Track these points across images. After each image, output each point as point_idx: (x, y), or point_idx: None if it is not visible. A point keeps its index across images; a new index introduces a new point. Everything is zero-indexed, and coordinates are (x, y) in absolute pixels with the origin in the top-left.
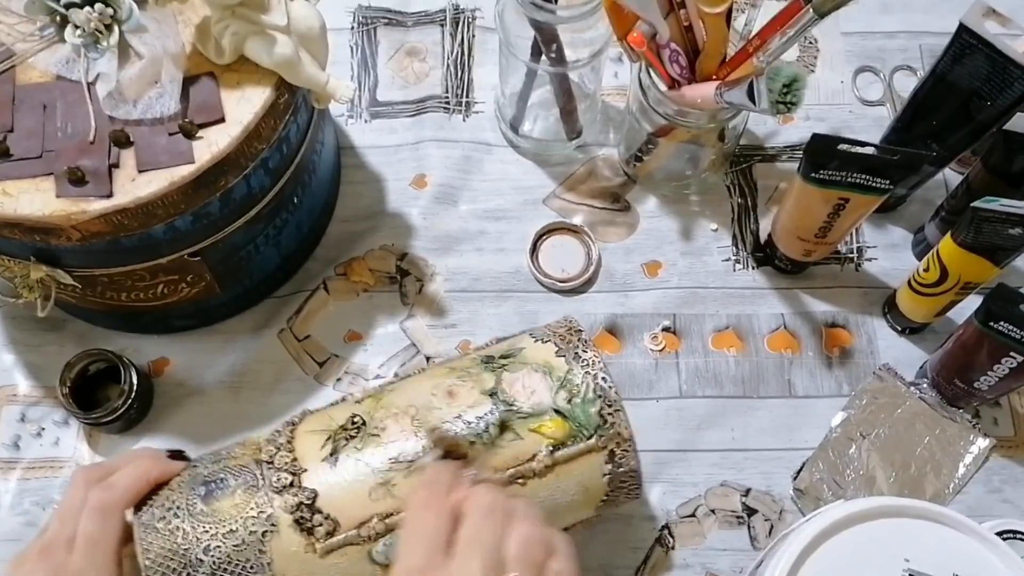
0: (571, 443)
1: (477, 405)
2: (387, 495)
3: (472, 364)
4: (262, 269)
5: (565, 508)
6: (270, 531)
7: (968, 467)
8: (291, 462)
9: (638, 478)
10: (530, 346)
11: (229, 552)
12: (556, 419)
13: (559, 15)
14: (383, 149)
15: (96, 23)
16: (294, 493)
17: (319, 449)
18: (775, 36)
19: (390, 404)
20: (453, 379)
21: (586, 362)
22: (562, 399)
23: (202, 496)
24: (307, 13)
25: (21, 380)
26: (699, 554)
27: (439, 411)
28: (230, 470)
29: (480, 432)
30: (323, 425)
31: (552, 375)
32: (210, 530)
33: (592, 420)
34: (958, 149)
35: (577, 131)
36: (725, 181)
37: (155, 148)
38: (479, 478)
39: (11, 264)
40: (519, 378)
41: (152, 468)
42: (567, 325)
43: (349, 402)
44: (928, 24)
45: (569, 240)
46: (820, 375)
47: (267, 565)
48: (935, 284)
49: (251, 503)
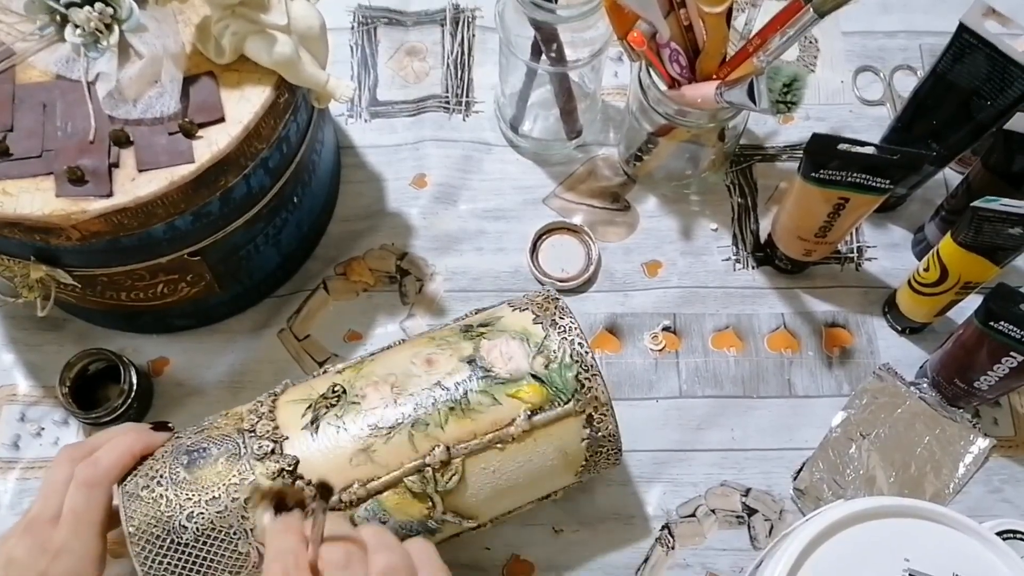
0: (548, 408)
1: (455, 372)
2: (367, 461)
3: (451, 333)
4: (262, 269)
5: (544, 473)
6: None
7: (968, 467)
8: (272, 430)
9: (617, 442)
10: (508, 315)
11: (212, 518)
12: (533, 384)
13: (559, 15)
14: (383, 149)
15: (96, 22)
16: (275, 460)
17: (300, 417)
18: (775, 36)
19: (370, 373)
20: (432, 348)
21: (563, 328)
22: (539, 364)
23: (185, 465)
24: (307, 12)
25: (21, 380)
26: (699, 554)
27: (418, 378)
28: (213, 439)
29: (458, 398)
30: (304, 395)
31: (529, 341)
32: (193, 497)
33: (569, 385)
34: (958, 149)
35: (577, 131)
36: (725, 181)
37: (155, 148)
38: (322, 533)
39: (11, 264)
40: (497, 345)
41: (136, 442)
42: (545, 294)
43: (330, 373)
44: (928, 24)
45: (569, 240)
46: (820, 375)
47: (249, 531)
48: (935, 284)
49: (233, 470)
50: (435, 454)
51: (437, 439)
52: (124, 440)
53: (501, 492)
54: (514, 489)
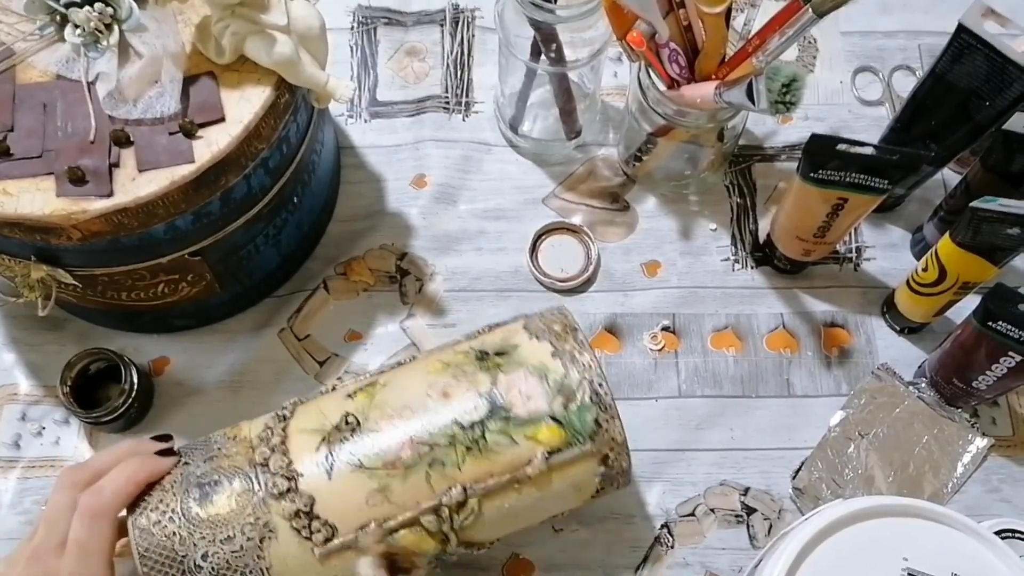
0: (566, 449)
1: (473, 410)
2: (384, 501)
3: (466, 360)
4: (262, 269)
5: (556, 505)
6: (268, 537)
7: (966, 466)
8: (287, 466)
9: (628, 474)
10: (525, 343)
11: (227, 558)
12: (552, 426)
13: (559, 15)
14: (383, 149)
15: (96, 22)
16: (291, 499)
17: (314, 451)
18: (774, 36)
19: (384, 404)
20: (447, 378)
21: (583, 366)
22: (558, 405)
23: (197, 499)
24: (307, 13)
25: (22, 379)
26: (698, 553)
27: (434, 414)
28: (224, 471)
29: (476, 438)
30: (316, 424)
31: (548, 379)
32: (207, 536)
33: (588, 427)
34: (957, 149)
35: (576, 131)
36: (724, 181)
37: (155, 148)
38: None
39: (12, 263)
40: (515, 382)
41: (140, 470)
42: (563, 321)
43: (340, 394)
44: (927, 24)
45: (568, 240)
46: (819, 375)
47: (266, 571)
48: (934, 284)
49: (248, 509)
50: (452, 494)
51: (454, 479)
52: (128, 468)
53: (513, 523)
54: (525, 519)
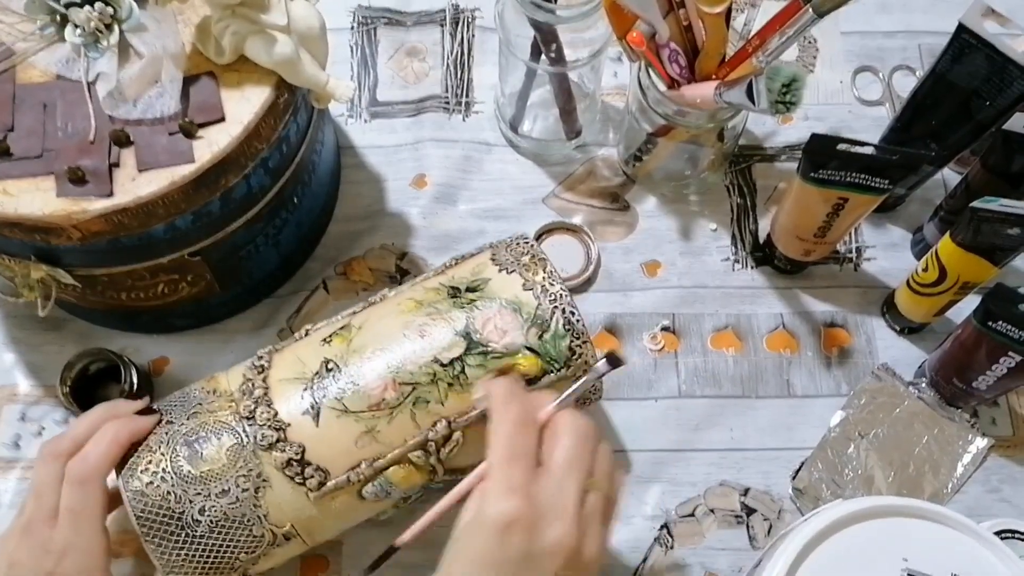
0: (543, 377)
1: (451, 347)
2: (372, 441)
3: (439, 297)
4: (262, 269)
5: None
6: (262, 487)
7: (966, 467)
8: (273, 417)
9: (599, 391)
10: (495, 277)
11: (225, 510)
12: (528, 356)
13: (559, 15)
14: (383, 149)
15: (96, 22)
16: (282, 449)
17: (299, 400)
18: (774, 36)
19: (362, 347)
20: (423, 317)
21: (554, 296)
22: (533, 336)
23: (187, 457)
24: (307, 13)
25: (21, 379)
26: (698, 553)
27: (413, 353)
28: (210, 427)
29: (457, 374)
30: (296, 371)
31: (522, 312)
32: (202, 491)
33: (563, 354)
34: (957, 149)
35: (576, 131)
36: (724, 181)
37: (155, 148)
38: (557, 402)
39: (12, 264)
40: (491, 317)
41: (122, 431)
42: (530, 251)
43: (315, 339)
44: (927, 24)
45: (568, 240)
46: (819, 375)
47: (263, 517)
48: (934, 284)
49: (239, 462)
50: (437, 429)
51: (439, 414)
52: (110, 430)
53: None
54: None
